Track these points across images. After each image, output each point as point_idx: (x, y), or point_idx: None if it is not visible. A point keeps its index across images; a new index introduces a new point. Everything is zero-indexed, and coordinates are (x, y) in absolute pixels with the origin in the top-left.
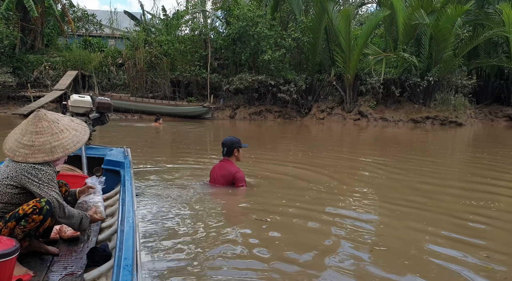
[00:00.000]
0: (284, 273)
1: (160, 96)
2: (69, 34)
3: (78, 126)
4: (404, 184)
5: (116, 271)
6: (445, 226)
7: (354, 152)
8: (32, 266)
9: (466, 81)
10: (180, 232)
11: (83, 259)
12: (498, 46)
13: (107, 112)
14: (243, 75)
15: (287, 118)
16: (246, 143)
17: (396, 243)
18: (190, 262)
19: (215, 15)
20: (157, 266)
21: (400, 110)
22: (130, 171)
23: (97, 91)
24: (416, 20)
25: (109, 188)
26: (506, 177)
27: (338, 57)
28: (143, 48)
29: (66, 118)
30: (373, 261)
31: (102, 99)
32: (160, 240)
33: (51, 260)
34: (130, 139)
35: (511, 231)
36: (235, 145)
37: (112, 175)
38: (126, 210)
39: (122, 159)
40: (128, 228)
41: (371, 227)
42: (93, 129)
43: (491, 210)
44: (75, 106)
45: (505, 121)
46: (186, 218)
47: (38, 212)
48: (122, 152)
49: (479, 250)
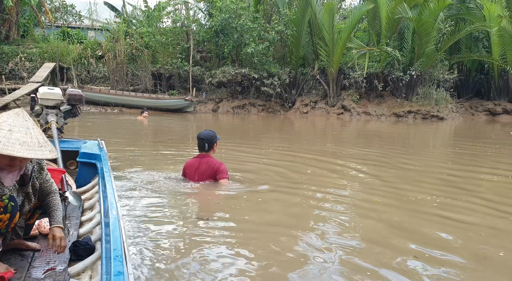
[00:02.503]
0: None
1: (141, 89)
2: (46, 25)
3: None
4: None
5: (106, 262)
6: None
7: (337, 148)
8: (12, 263)
9: (447, 75)
10: (159, 228)
11: (65, 253)
12: (479, 41)
13: (79, 104)
14: (226, 68)
15: (270, 112)
16: (229, 137)
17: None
18: (171, 256)
19: (197, 6)
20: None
21: (383, 104)
22: (107, 163)
23: (75, 84)
24: (399, 14)
25: (86, 181)
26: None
27: (321, 51)
28: (123, 40)
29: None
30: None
31: (73, 90)
32: (142, 236)
33: (32, 256)
34: (105, 132)
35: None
36: (215, 139)
37: (88, 168)
38: (109, 202)
39: (98, 151)
40: (113, 220)
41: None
42: (64, 122)
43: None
44: (44, 99)
45: (485, 116)
46: (162, 213)
47: (3, 211)
48: (97, 145)
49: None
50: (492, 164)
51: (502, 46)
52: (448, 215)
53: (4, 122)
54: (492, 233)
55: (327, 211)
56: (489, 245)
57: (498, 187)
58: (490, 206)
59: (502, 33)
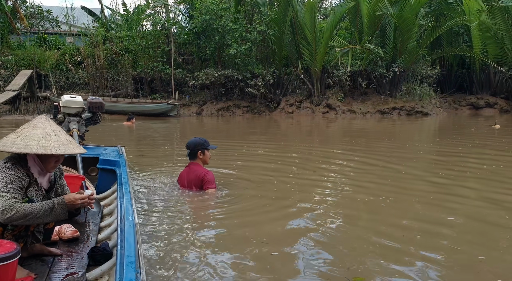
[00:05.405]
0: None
1: (122, 94)
2: (22, 31)
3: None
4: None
5: (120, 268)
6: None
7: (324, 146)
8: (33, 268)
9: (430, 71)
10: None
11: (84, 259)
12: (459, 35)
13: (99, 111)
14: (208, 70)
15: (255, 113)
16: (213, 140)
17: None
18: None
19: (177, 9)
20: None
21: (367, 102)
22: (126, 170)
23: (54, 91)
24: (380, 11)
25: (106, 187)
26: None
27: (304, 50)
28: (102, 45)
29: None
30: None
31: (94, 98)
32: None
33: (52, 261)
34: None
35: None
36: (199, 147)
37: (108, 174)
38: (125, 208)
39: (117, 157)
40: (128, 226)
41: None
42: (86, 129)
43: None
44: (66, 107)
45: (468, 109)
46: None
47: None
48: (117, 151)
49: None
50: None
51: (482, 40)
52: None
53: (45, 128)
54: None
55: (314, 220)
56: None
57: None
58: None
59: (482, 27)
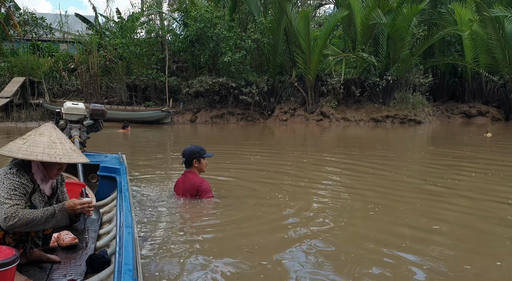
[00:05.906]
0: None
1: (116, 101)
2: (15, 38)
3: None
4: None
5: (118, 276)
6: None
7: (317, 153)
8: (31, 275)
9: (423, 79)
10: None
11: (82, 266)
12: (451, 45)
13: (101, 119)
14: (203, 78)
15: (250, 120)
16: (207, 147)
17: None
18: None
19: (171, 16)
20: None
21: (361, 110)
22: (126, 177)
23: (47, 98)
24: (374, 20)
25: (106, 194)
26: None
27: (298, 58)
28: (96, 52)
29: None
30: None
31: (96, 105)
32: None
33: (51, 268)
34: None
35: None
36: (194, 155)
37: (108, 182)
38: (124, 216)
39: (118, 165)
40: (127, 234)
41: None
42: (87, 136)
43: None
44: (68, 114)
45: (461, 118)
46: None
47: None
48: (117, 158)
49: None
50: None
51: (474, 49)
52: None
53: (51, 136)
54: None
55: (308, 227)
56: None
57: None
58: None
59: (474, 37)
